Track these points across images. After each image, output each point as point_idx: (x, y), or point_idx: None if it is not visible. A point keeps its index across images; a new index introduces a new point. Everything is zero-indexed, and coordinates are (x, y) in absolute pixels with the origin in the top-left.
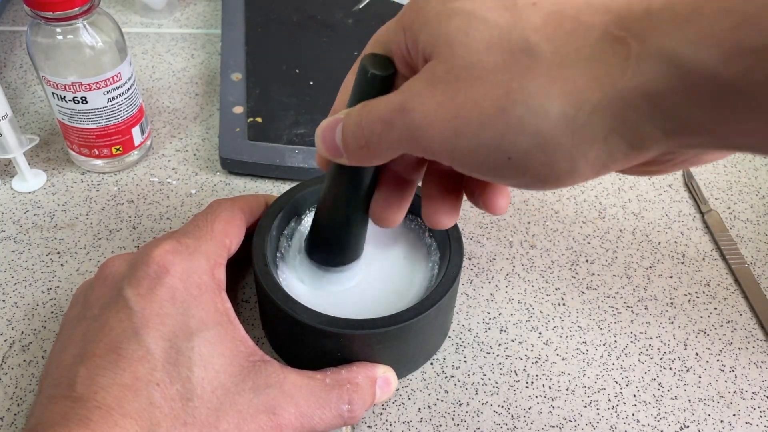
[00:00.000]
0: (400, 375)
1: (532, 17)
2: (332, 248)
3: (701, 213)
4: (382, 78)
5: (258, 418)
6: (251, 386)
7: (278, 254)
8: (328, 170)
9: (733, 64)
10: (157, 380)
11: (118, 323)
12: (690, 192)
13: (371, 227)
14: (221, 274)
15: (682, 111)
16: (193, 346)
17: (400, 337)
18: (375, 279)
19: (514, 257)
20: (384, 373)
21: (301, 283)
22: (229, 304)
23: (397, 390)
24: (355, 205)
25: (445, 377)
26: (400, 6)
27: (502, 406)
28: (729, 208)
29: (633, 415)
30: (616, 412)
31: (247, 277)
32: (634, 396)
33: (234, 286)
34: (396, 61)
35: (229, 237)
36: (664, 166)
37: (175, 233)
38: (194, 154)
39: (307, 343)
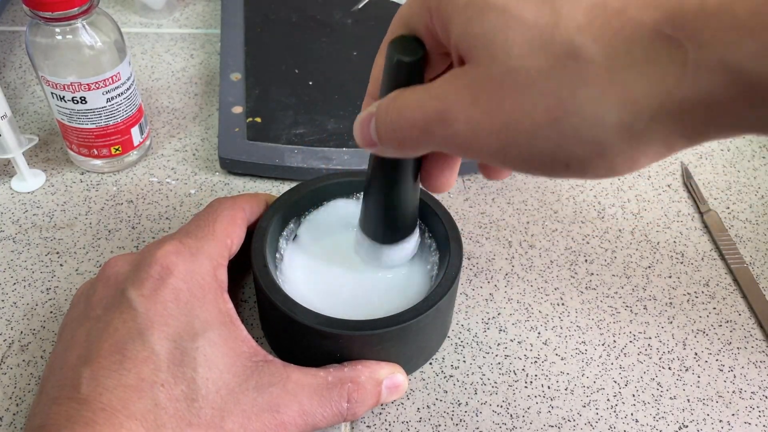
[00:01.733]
0: None
1: (573, 13)
2: (389, 226)
3: (700, 213)
4: (410, 63)
5: (262, 417)
6: (254, 385)
7: (277, 255)
8: (370, 156)
9: None
10: (161, 381)
11: (122, 324)
12: (689, 192)
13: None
14: (223, 275)
15: (740, 116)
16: (197, 346)
17: (400, 338)
18: (374, 279)
19: (513, 257)
20: (392, 373)
21: (304, 283)
22: (231, 305)
23: None
24: (405, 181)
25: (444, 377)
26: (399, 6)
27: (501, 406)
28: (728, 208)
29: (632, 414)
30: (615, 411)
31: (247, 278)
32: (633, 396)
33: (234, 287)
34: (426, 41)
35: (231, 237)
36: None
37: (177, 234)
38: (193, 154)
39: (306, 344)
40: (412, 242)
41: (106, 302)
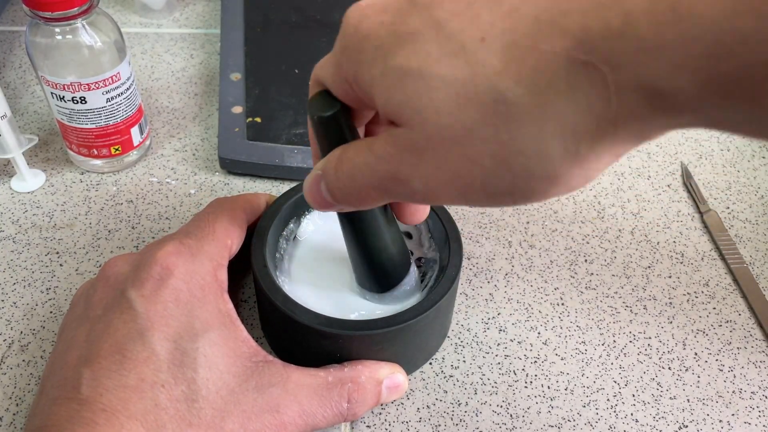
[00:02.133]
0: None
1: (488, 58)
2: (382, 275)
3: (700, 213)
4: (330, 117)
5: (262, 417)
6: (255, 386)
7: (277, 255)
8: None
9: (711, 88)
10: (162, 381)
11: (122, 324)
12: (689, 192)
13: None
14: (223, 275)
15: (676, 120)
16: (198, 347)
17: (400, 338)
18: None
19: (513, 257)
20: (392, 373)
21: (304, 283)
22: (231, 305)
23: None
24: (377, 226)
25: (444, 377)
26: None
27: (501, 406)
28: (728, 208)
29: (632, 414)
30: (615, 411)
31: (247, 278)
32: (633, 396)
33: (234, 287)
34: (348, 102)
35: (231, 237)
36: None
37: (177, 234)
38: (193, 154)
39: (306, 344)
40: (411, 278)
41: (106, 302)
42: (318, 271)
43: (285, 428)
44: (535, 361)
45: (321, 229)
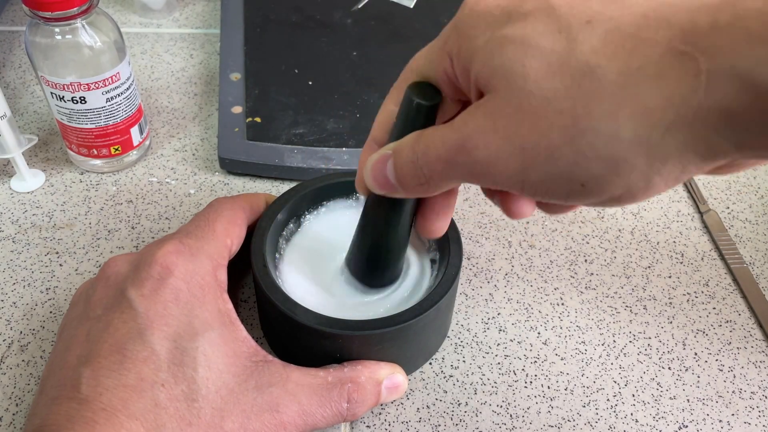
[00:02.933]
0: None
1: (589, 38)
2: (376, 271)
3: (700, 213)
4: (430, 107)
5: (262, 417)
6: (254, 385)
7: (277, 255)
8: (368, 197)
9: None
10: (162, 381)
11: (122, 324)
12: (689, 192)
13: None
14: (223, 275)
15: (756, 127)
16: (198, 346)
17: (400, 338)
18: None
19: (512, 257)
20: (392, 373)
21: (304, 283)
22: (230, 305)
23: None
24: (401, 229)
25: (444, 377)
26: (399, 6)
27: (501, 406)
28: (728, 208)
29: (632, 414)
30: (614, 411)
31: (247, 278)
32: (633, 396)
33: (234, 287)
34: (442, 87)
35: (231, 237)
36: (728, 170)
37: (177, 234)
38: (193, 154)
39: (306, 344)
40: (393, 288)
41: (106, 302)
42: (317, 271)
43: (284, 428)
44: (535, 361)
45: (320, 230)
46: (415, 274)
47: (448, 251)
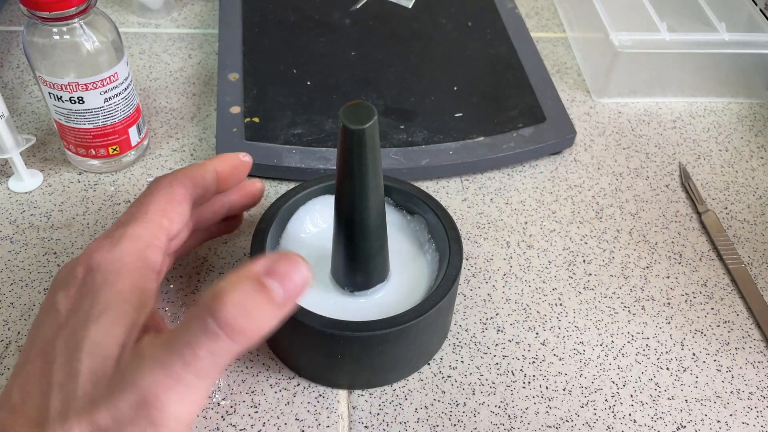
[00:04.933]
0: (401, 377)
1: None
2: (360, 274)
3: (698, 213)
4: None
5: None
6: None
7: None
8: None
9: None
10: (60, 382)
11: (48, 328)
12: (687, 192)
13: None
14: (155, 255)
15: None
16: (87, 335)
17: (401, 339)
18: None
19: (511, 257)
20: (273, 261)
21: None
22: (155, 284)
23: (394, 390)
24: (372, 221)
25: (442, 377)
26: (397, 6)
27: (499, 407)
28: (726, 208)
29: (630, 415)
30: (613, 412)
31: None
32: (631, 396)
33: None
34: None
35: (168, 216)
36: None
37: (110, 228)
38: (191, 155)
39: (306, 345)
40: (381, 288)
41: (44, 308)
42: (316, 272)
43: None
44: (534, 362)
45: (319, 230)
46: (411, 273)
47: (448, 251)
